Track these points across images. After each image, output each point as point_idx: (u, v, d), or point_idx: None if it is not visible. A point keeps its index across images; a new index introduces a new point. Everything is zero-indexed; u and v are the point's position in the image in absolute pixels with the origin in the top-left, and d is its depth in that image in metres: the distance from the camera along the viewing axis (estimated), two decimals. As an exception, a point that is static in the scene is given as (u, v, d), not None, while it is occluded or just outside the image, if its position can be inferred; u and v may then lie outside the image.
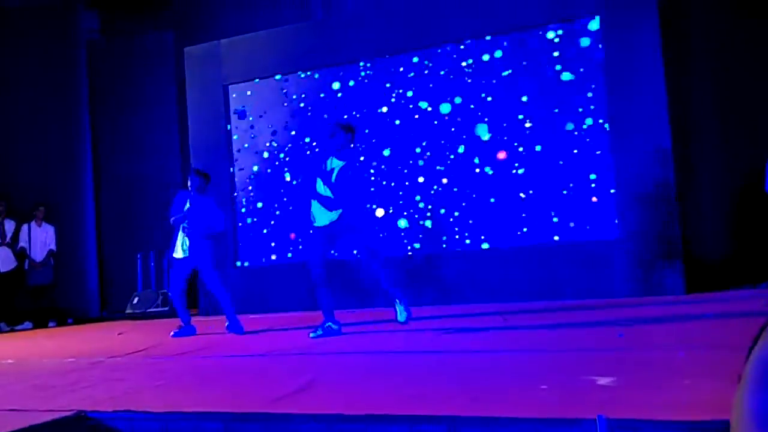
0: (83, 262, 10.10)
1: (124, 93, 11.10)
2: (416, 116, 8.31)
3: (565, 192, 7.61)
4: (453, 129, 8.13)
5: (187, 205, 6.38)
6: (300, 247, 8.82)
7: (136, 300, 9.53)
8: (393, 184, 8.35)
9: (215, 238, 6.47)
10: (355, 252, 5.81)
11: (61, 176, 9.93)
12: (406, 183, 8.28)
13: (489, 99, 7.98)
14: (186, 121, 9.77)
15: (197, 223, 6.33)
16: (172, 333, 6.40)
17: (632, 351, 3.66)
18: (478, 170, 7.99)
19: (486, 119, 7.99)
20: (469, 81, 8.08)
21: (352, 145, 5.57)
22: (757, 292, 6.93)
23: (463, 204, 8.04)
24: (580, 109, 7.60)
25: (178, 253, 6.42)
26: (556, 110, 7.69)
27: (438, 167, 8.17)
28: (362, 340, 5.24)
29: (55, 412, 2.80)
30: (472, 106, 8.05)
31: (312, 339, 5.25)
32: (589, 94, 7.57)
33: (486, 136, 7.99)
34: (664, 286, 7.02)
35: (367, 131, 8.45)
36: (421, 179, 8.24)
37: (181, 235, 6.41)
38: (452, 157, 8.11)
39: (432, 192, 8.18)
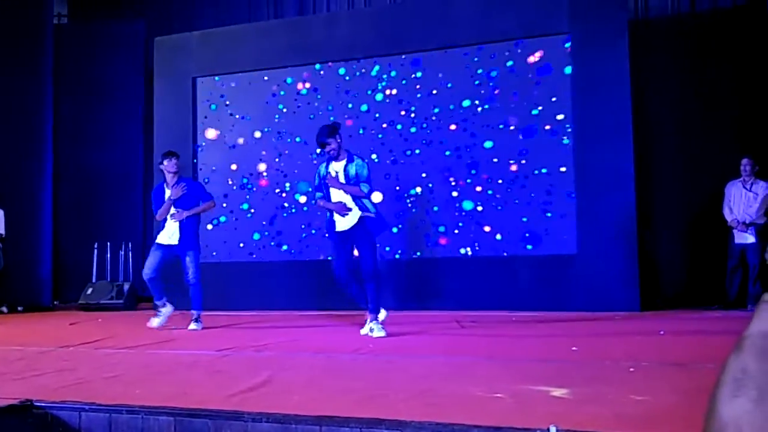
0: (37, 249, 9.83)
1: (90, 80, 10.87)
2: (383, 125, 8.32)
3: (518, 203, 7.69)
4: (417, 136, 8.16)
5: (168, 192, 6.22)
6: (272, 244, 8.75)
7: (90, 290, 9.32)
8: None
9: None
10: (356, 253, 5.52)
11: (19, 160, 9.65)
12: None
13: (458, 111, 8.04)
14: (151, 112, 9.62)
15: (188, 207, 6.20)
16: (151, 323, 6.16)
17: (586, 364, 3.71)
18: (452, 180, 8.04)
19: (453, 126, 8.06)
20: (435, 93, 8.12)
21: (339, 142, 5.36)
22: (710, 313, 7.08)
23: (426, 212, 8.08)
24: (547, 126, 7.70)
25: (163, 239, 6.20)
26: (520, 125, 7.77)
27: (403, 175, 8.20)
28: (323, 340, 5.23)
29: (0, 399, 2.72)
30: (449, 107, 8.08)
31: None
32: (560, 116, 7.66)
33: (447, 153, 8.07)
34: (619, 302, 7.13)
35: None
36: (396, 187, 8.28)
37: (170, 221, 6.19)
38: (424, 175, 8.14)
39: (408, 203, 8.20)
